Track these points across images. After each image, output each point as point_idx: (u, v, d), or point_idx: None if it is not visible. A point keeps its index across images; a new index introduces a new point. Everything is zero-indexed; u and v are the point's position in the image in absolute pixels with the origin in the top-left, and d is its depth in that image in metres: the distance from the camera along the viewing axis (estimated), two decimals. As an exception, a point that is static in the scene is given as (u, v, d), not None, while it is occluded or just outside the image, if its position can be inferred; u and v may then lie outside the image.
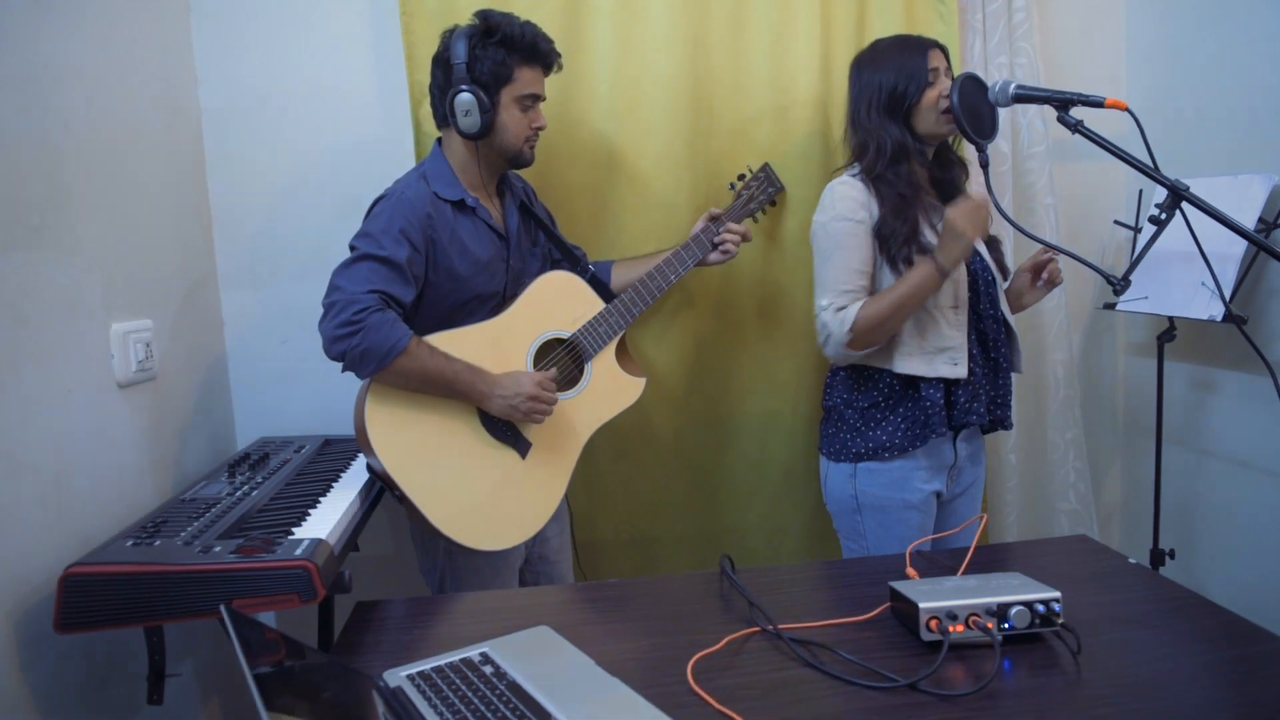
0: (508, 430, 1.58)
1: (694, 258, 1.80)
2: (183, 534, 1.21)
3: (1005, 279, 1.73)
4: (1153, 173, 1.37)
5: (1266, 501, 1.89)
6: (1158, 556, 1.94)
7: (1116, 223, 2.08)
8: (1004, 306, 1.68)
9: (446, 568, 1.66)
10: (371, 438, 1.49)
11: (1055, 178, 2.08)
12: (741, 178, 1.90)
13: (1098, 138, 1.43)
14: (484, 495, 1.56)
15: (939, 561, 1.40)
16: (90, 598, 1.07)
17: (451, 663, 1.11)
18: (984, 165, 1.54)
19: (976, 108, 1.54)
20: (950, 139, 1.70)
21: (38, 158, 1.24)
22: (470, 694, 1.03)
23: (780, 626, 1.19)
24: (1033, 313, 2.08)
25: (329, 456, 1.75)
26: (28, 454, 1.18)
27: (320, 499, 1.43)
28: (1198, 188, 1.92)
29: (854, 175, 1.65)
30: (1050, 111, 2.04)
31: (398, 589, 1.90)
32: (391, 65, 1.88)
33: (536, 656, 1.13)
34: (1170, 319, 1.91)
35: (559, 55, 1.64)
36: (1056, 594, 1.11)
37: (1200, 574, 2.07)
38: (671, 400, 2.03)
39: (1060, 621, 1.10)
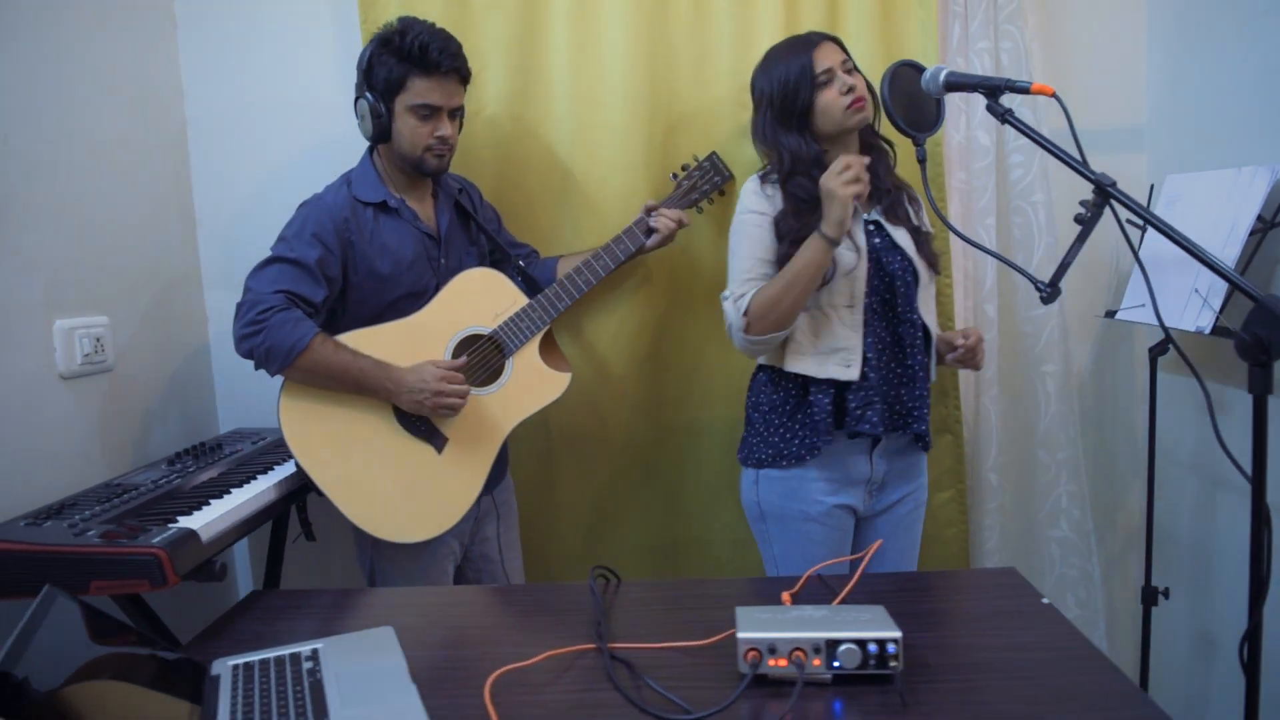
0: (422, 425, 1.60)
1: (625, 251, 1.77)
2: (79, 516, 1.30)
3: (937, 272, 1.61)
4: (1079, 166, 1.23)
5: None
6: (1150, 595, 1.73)
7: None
8: (923, 310, 1.57)
9: (375, 560, 1.70)
10: (285, 432, 1.55)
11: (1055, 172, 1.89)
12: (685, 168, 1.85)
13: (1025, 128, 1.30)
14: (397, 489, 1.58)
15: (836, 587, 1.31)
16: (-35, 570, 1.17)
17: (279, 656, 1.14)
18: (921, 160, 1.43)
19: (913, 98, 1.43)
20: (874, 124, 1.60)
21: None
22: (273, 688, 1.05)
23: (614, 645, 1.15)
24: (1022, 320, 1.90)
25: (283, 449, 1.82)
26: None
27: (233, 489, 1.49)
28: (1198, 182, 1.70)
29: (764, 175, 1.61)
30: (1043, 99, 1.88)
31: (345, 579, 1.95)
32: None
33: (359, 657, 1.13)
34: (1165, 329, 1.69)
35: (453, 62, 1.57)
36: (895, 634, 1.02)
37: (1206, 618, 1.83)
38: (631, 406, 1.99)
39: (894, 665, 1.01)
